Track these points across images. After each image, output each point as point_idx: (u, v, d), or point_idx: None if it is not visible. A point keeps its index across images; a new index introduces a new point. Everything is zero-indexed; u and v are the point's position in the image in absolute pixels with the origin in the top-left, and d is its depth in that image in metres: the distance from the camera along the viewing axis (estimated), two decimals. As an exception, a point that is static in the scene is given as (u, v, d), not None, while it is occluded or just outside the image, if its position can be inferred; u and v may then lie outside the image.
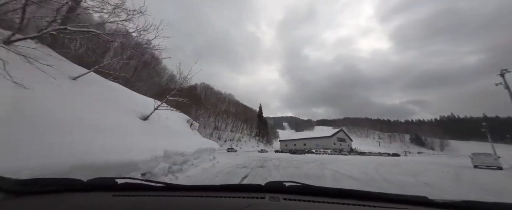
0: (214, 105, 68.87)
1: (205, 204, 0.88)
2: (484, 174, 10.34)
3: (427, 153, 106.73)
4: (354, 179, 6.90)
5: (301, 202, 0.92)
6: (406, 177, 8.00)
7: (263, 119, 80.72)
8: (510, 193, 5.43)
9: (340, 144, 68.90)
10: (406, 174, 8.81)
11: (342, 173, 8.43)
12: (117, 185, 1.06)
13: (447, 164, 17.23)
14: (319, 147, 64.12)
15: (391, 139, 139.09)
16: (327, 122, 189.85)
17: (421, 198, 0.95)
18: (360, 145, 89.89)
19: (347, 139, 75.41)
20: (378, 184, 6.23)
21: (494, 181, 7.74)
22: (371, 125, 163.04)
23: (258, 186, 1.08)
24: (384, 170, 10.20)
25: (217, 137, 53.88)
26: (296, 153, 39.09)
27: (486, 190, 5.73)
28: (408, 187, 5.70)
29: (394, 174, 8.66)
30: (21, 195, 0.90)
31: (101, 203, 0.88)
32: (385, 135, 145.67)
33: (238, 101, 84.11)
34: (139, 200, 0.92)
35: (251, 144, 67.25)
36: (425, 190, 5.24)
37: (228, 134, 60.41)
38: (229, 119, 71.99)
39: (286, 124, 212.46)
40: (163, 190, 1.05)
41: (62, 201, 0.89)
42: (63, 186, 0.99)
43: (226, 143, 54.34)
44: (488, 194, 5.25)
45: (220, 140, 53.53)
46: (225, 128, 64.95)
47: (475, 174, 10.27)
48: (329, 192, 1.01)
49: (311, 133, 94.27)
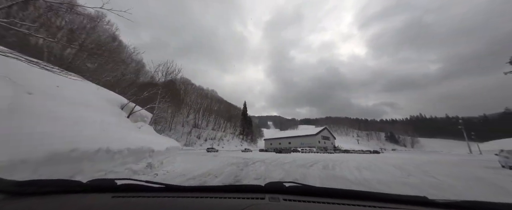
0: (194, 101, 63.67)
1: (205, 205, 0.88)
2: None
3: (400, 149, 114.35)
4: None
5: (301, 203, 0.92)
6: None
7: (247, 117, 77.38)
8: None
9: (324, 142, 68.88)
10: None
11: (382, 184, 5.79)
12: (117, 186, 1.05)
13: (438, 162, 15.80)
14: (304, 145, 63.22)
15: (369, 137, 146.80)
16: (310, 121, 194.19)
17: (421, 198, 0.96)
18: (341, 143, 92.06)
19: (331, 137, 75.99)
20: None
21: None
22: (351, 124, 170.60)
23: (258, 186, 1.08)
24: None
25: (197, 135, 49.12)
26: (282, 152, 37.02)
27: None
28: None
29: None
30: (19, 196, 0.90)
31: (100, 204, 0.88)
32: (363, 133, 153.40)
33: (222, 98, 79.52)
34: (139, 201, 0.91)
35: (234, 143, 63.50)
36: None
37: (209, 132, 55.83)
38: (211, 116, 67.27)
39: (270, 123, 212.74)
40: (163, 191, 1.04)
41: (61, 202, 0.88)
42: (62, 187, 0.99)
43: (207, 142, 49.86)
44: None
45: (199, 139, 48.88)
46: (207, 126, 60.18)
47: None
48: (329, 193, 1.02)
49: (295, 131, 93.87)
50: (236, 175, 6.89)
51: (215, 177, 6.38)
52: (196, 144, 44.88)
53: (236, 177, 6.41)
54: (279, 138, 77.91)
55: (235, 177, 6.49)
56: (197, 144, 45.36)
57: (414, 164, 12.62)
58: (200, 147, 44.08)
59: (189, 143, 41.77)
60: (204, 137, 50.90)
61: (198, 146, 44.21)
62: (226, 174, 7.07)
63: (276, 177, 6.61)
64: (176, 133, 43.20)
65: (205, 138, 50.88)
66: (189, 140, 43.24)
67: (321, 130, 70.87)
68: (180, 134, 43.65)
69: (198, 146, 44.50)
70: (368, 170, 9.00)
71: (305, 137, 68.47)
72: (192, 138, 45.27)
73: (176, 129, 45.32)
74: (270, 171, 8.02)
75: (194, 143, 44.39)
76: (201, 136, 49.98)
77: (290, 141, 71.37)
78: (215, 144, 51.97)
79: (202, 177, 6.23)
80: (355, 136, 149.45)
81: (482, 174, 8.18)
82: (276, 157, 18.64)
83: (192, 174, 6.84)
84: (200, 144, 46.21)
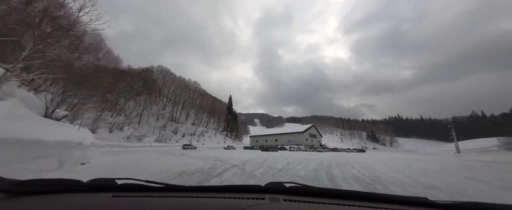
0: (174, 92, 57.10)
1: (205, 205, 0.88)
2: None
3: (380, 148, 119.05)
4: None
5: (301, 203, 0.92)
6: None
7: (233, 112, 72.49)
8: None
9: (311, 140, 67.02)
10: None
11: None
12: (117, 185, 1.04)
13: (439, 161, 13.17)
14: (291, 143, 60.53)
15: (351, 136, 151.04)
16: (296, 119, 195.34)
17: (422, 199, 0.96)
18: (326, 141, 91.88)
19: (318, 135, 74.57)
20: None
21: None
22: (335, 123, 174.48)
23: (258, 186, 1.08)
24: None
25: (173, 130, 43.22)
26: (268, 150, 33.46)
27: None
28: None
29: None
30: (19, 195, 0.89)
31: (100, 203, 0.88)
32: (346, 132, 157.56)
33: (205, 91, 73.34)
34: (139, 201, 0.91)
35: (217, 140, 58.43)
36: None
37: (188, 127, 50.03)
38: (192, 110, 61.20)
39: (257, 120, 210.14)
40: (163, 191, 1.04)
41: (61, 201, 0.88)
42: (62, 186, 0.98)
43: (185, 138, 44.22)
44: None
45: (176, 134, 43.04)
46: (186, 120, 54.15)
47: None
48: (330, 193, 1.02)
49: (282, 129, 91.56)
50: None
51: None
52: (171, 139, 39.13)
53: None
54: (265, 135, 74.54)
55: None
56: (172, 139, 39.61)
57: (421, 167, 9.11)
58: (176, 143, 38.50)
59: (161, 139, 35.97)
60: (182, 132, 45.11)
61: (173, 142, 38.55)
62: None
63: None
64: (147, 127, 37.06)
65: (183, 133, 45.12)
66: (163, 135, 37.38)
67: (308, 127, 68.84)
68: (152, 128, 37.55)
69: (173, 142, 38.83)
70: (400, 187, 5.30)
71: (293, 134, 65.92)
72: (166, 133, 39.39)
73: (148, 122, 39.07)
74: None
75: (169, 139, 38.63)
76: (178, 131, 44.11)
77: (277, 138, 68.40)
78: (195, 140, 46.49)
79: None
80: (338, 134, 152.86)
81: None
82: (262, 157, 14.53)
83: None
84: (177, 140, 40.52)
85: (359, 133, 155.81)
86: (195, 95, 65.89)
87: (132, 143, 27.80)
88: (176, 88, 58.47)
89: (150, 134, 33.52)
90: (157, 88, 54.17)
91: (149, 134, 32.68)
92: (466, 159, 16.20)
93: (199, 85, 71.17)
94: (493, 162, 12.46)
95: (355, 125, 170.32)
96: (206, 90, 73.55)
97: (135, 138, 29.10)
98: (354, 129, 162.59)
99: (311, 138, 67.51)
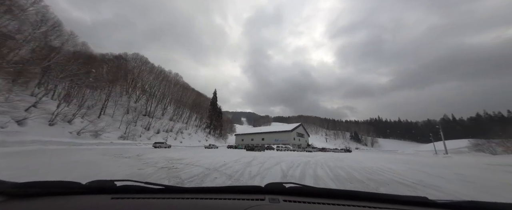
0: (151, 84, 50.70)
1: (205, 206, 0.88)
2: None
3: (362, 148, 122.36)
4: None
5: (301, 204, 0.91)
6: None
7: (217, 107, 67.46)
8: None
9: (299, 139, 64.84)
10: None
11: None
12: (116, 187, 1.04)
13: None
14: (278, 142, 57.63)
15: (336, 136, 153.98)
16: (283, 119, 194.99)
17: (421, 199, 0.96)
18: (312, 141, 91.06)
19: (305, 134, 72.77)
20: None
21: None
22: (320, 123, 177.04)
23: (258, 187, 1.07)
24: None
25: (145, 125, 37.41)
26: (254, 149, 30.11)
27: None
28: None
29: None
30: (19, 198, 0.89)
31: (100, 205, 0.88)
32: (331, 132, 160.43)
33: (187, 84, 67.29)
34: (139, 203, 0.91)
35: (198, 137, 53.19)
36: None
37: (164, 122, 44.26)
38: (170, 104, 55.20)
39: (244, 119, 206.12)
40: (163, 192, 1.04)
41: (61, 204, 0.88)
42: (61, 188, 0.99)
43: (159, 134, 38.56)
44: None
45: (148, 130, 37.27)
46: (163, 115, 48.15)
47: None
48: (330, 193, 1.01)
49: (269, 127, 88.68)
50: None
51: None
52: (141, 136, 33.45)
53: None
54: (251, 133, 70.87)
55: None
56: (143, 136, 33.93)
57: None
58: (147, 140, 32.96)
59: (128, 135, 30.28)
60: (157, 128, 39.35)
61: (144, 140, 32.97)
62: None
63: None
64: (112, 121, 31.05)
65: (158, 129, 39.37)
66: (131, 131, 31.65)
67: (296, 126, 66.54)
68: (118, 123, 31.62)
69: (144, 139, 33.22)
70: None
71: (280, 133, 63.08)
72: (136, 129, 33.59)
73: (115, 115, 32.96)
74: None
75: (139, 136, 32.95)
76: (151, 126, 38.27)
77: (264, 137, 65.15)
78: (171, 137, 40.97)
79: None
80: (324, 134, 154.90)
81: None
82: (245, 159, 10.65)
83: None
84: (148, 137, 34.90)
85: (343, 133, 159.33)
86: (176, 89, 59.78)
87: (84, 139, 22.13)
88: (154, 80, 52.09)
89: (111, 129, 27.72)
90: (130, 78, 47.49)
91: (110, 129, 26.90)
92: (469, 162, 14.86)
93: (181, 78, 64.96)
94: (496, 165, 11.44)
95: (340, 126, 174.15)
96: (188, 84, 67.58)
97: (89, 134, 23.38)
98: (338, 129, 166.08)
99: (298, 137, 65.33)
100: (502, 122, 52.73)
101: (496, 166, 10.86)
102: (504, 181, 5.79)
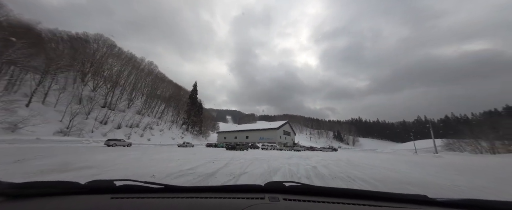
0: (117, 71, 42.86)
1: (205, 205, 0.88)
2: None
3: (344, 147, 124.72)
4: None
5: (301, 202, 0.92)
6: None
7: (197, 101, 61.00)
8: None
9: (285, 137, 61.52)
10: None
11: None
12: (116, 187, 1.04)
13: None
14: (264, 140, 53.57)
15: (319, 135, 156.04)
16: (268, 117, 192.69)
17: (421, 197, 0.96)
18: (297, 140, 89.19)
19: (291, 132, 69.86)
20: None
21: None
22: (305, 122, 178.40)
23: (258, 186, 1.07)
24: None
25: (102, 119, 30.31)
26: (235, 148, 25.75)
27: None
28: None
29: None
30: (17, 198, 0.89)
31: (99, 205, 0.88)
32: (315, 131, 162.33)
33: (164, 75, 59.76)
34: (139, 202, 0.91)
35: (172, 134, 46.62)
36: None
37: (128, 116, 37.14)
38: (140, 94, 47.74)
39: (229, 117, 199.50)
40: (162, 192, 1.04)
41: (60, 204, 0.88)
42: (60, 189, 0.98)
43: (121, 130, 31.72)
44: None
45: (106, 124, 30.27)
46: (128, 108, 40.76)
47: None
48: (330, 192, 1.01)
49: (254, 125, 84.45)
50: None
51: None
52: (94, 131, 26.59)
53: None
54: (235, 131, 65.79)
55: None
56: (97, 132, 27.07)
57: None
58: (102, 137, 26.30)
59: (70, 130, 23.38)
60: (118, 123, 32.34)
61: (98, 135, 26.21)
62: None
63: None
64: (53, 111, 23.81)
65: (119, 124, 32.43)
66: (77, 124, 24.67)
67: (283, 124, 63.10)
68: (61, 114, 24.45)
69: (98, 135, 26.45)
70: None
71: (266, 131, 59.03)
72: (86, 122, 26.59)
73: (58, 104, 25.60)
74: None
75: (91, 131, 26.09)
76: (109, 120, 31.25)
77: (248, 135, 60.54)
78: (137, 134, 34.21)
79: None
80: (308, 133, 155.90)
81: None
82: (216, 163, 6.07)
83: None
84: (105, 133, 28.08)
85: (326, 132, 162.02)
86: (149, 79, 52.25)
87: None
88: (121, 67, 44.23)
89: (43, 121, 20.72)
90: (88, 62, 39.27)
91: (39, 121, 19.95)
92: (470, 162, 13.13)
93: (156, 68, 57.30)
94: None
95: (323, 125, 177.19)
96: (164, 74, 60.07)
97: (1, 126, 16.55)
98: (322, 128, 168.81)
99: (285, 135, 62.01)
100: (467, 123, 56.82)
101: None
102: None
